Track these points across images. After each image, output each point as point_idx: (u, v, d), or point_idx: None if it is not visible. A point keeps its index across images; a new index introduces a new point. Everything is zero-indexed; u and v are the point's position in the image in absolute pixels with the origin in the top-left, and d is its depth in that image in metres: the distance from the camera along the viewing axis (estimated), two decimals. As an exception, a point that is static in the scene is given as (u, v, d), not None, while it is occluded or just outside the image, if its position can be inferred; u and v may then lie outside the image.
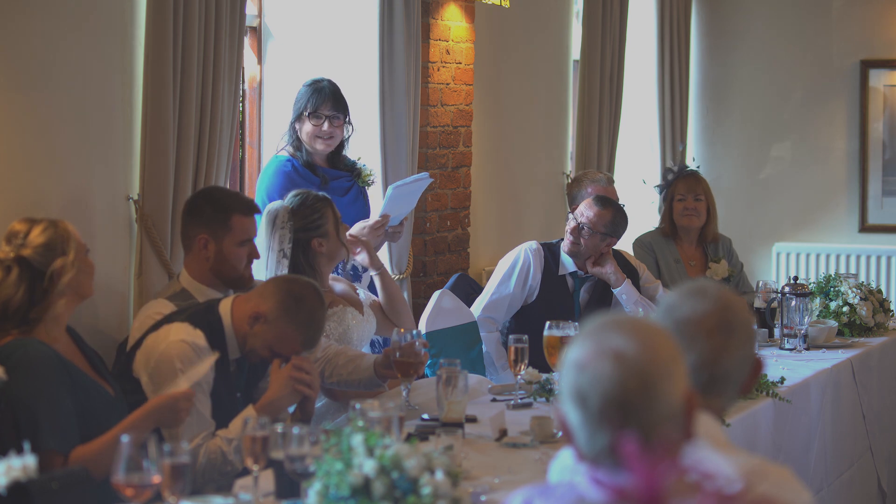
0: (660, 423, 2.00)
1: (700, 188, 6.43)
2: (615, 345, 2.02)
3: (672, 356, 2.04)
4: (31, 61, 4.17)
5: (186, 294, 4.11)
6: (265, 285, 3.82)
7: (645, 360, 2.00)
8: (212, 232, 4.13)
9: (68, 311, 3.53)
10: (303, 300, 3.72)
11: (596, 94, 7.32)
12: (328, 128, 5.22)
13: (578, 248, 5.44)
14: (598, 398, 2.00)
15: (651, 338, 2.04)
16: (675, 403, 2.02)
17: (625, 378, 1.99)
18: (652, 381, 2.00)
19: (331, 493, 2.61)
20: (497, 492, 3.21)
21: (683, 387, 2.04)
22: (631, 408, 1.99)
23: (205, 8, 4.60)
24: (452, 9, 6.22)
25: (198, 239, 4.15)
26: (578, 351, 2.04)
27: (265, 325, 3.70)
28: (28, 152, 4.18)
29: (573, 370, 2.03)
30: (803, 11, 8.66)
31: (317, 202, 4.58)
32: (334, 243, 4.57)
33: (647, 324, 2.08)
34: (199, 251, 4.15)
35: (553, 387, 4.30)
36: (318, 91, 5.24)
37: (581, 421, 2.03)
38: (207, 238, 4.13)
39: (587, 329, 2.08)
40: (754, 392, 4.42)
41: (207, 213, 4.16)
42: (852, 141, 8.56)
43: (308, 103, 5.22)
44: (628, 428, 1.98)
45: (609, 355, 2.01)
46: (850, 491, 5.34)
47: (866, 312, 5.69)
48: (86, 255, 3.57)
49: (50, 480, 3.00)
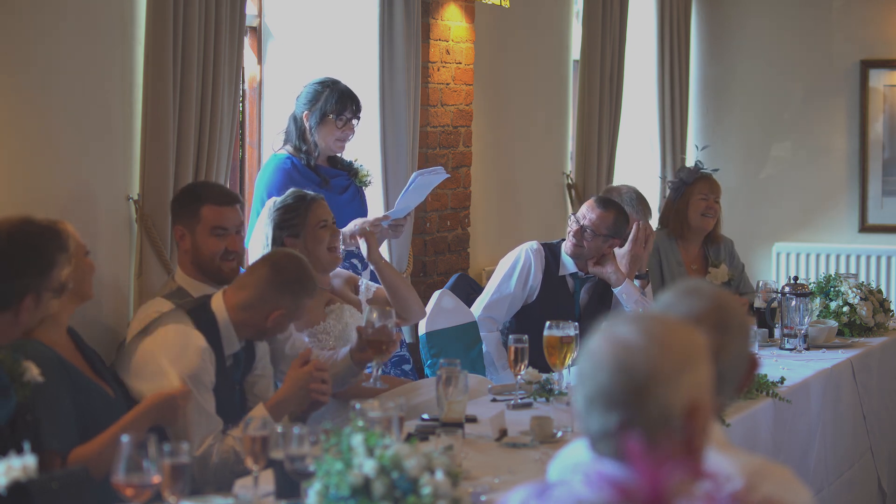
0: (651, 426, 1.96)
1: (719, 190, 6.36)
2: (623, 336, 2.00)
3: (681, 363, 1.99)
4: (31, 61, 4.17)
5: (183, 292, 4.11)
6: (248, 273, 3.84)
7: (644, 360, 1.98)
8: (185, 223, 4.14)
9: (68, 312, 3.53)
10: (281, 267, 3.81)
11: (596, 94, 7.32)
12: (349, 130, 5.23)
13: (581, 250, 5.44)
14: (591, 384, 2.00)
15: (664, 338, 2.00)
16: (671, 410, 1.97)
17: (616, 369, 1.98)
18: (645, 381, 1.97)
19: (331, 493, 2.61)
20: (497, 492, 3.20)
21: (688, 396, 1.98)
22: (616, 399, 1.97)
23: (205, 8, 4.60)
24: (452, 9, 6.22)
25: (175, 231, 4.19)
26: (596, 337, 2.05)
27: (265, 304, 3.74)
28: (28, 152, 4.18)
29: (584, 353, 2.05)
30: (803, 11, 8.66)
31: (297, 202, 4.55)
32: (308, 244, 4.52)
33: (672, 326, 2.03)
34: (180, 245, 4.18)
35: (553, 387, 4.30)
36: (341, 93, 5.20)
37: (580, 404, 2.04)
38: (183, 230, 4.15)
39: (615, 318, 2.08)
40: (754, 392, 4.42)
41: (182, 204, 4.20)
42: (852, 141, 8.56)
43: (334, 105, 5.18)
44: (613, 420, 1.97)
45: (611, 343, 2.00)
46: (850, 491, 5.34)
47: (866, 312, 5.69)
48: (85, 256, 3.57)
49: (50, 480, 3.00)
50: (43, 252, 3.06)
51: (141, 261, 4.49)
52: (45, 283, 3.05)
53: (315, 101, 5.21)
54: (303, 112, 5.22)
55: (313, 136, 5.20)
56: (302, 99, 5.25)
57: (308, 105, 5.21)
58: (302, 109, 5.23)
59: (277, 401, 3.73)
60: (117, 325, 4.46)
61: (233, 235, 4.16)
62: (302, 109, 5.23)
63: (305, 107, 5.22)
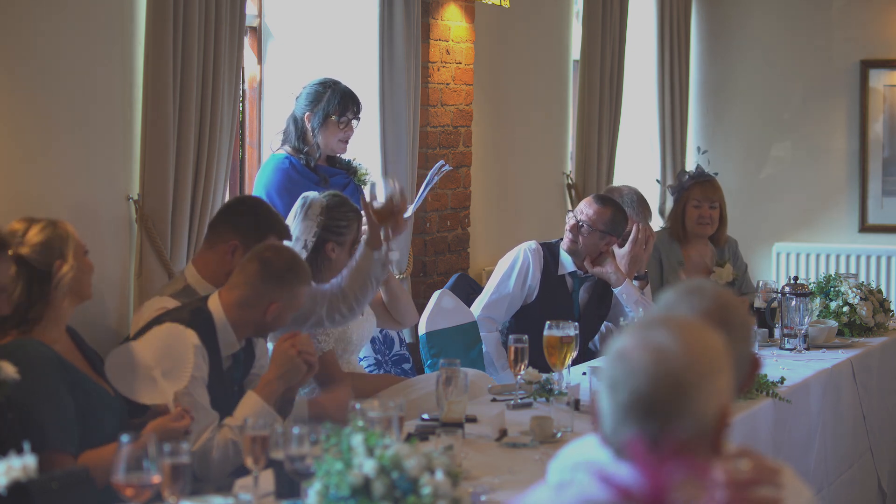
0: (687, 431, 1.96)
1: (716, 195, 6.36)
2: (659, 341, 1.98)
3: (714, 367, 1.99)
4: (31, 61, 4.17)
5: (190, 291, 4.08)
6: (238, 271, 3.83)
7: (684, 364, 1.96)
8: (245, 243, 4.09)
9: (67, 312, 3.53)
10: (270, 260, 3.77)
11: (596, 94, 7.32)
12: (349, 130, 5.22)
13: (577, 246, 5.44)
14: (628, 391, 1.97)
15: (698, 343, 1.99)
16: (706, 415, 1.97)
17: (658, 377, 1.95)
18: (685, 386, 1.96)
19: (331, 493, 2.61)
20: (497, 492, 3.20)
21: (720, 401, 1.98)
22: (657, 408, 1.95)
23: (205, 8, 4.60)
24: (452, 9, 6.22)
25: (229, 243, 4.12)
26: (625, 340, 2.01)
27: (260, 300, 3.73)
28: (28, 152, 4.18)
29: (614, 358, 2.00)
30: (803, 11, 8.66)
31: (350, 212, 4.58)
32: (344, 258, 4.54)
33: (701, 330, 2.03)
34: (223, 254, 4.12)
35: (553, 387, 4.30)
36: (343, 94, 5.19)
37: (610, 410, 1.99)
38: (238, 245, 4.10)
39: (643, 321, 2.05)
40: (754, 392, 4.42)
41: (248, 223, 4.14)
42: (852, 141, 8.56)
43: (336, 106, 5.17)
44: (652, 427, 1.95)
45: (649, 350, 1.97)
46: (850, 491, 5.34)
47: (866, 312, 5.68)
48: (85, 256, 3.56)
49: (50, 480, 3.00)
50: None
51: (141, 261, 4.49)
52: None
53: (317, 102, 5.19)
54: (304, 113, 5.21)
55: (316, 138, 5.19)
56: (302, 100, 5.24)
57: (310, 106, 5.20)
58: (303, 111, 5.21)
59: (267, 381, 3.71)
60: (117, 325, 4.46)
61: None
62: (303, 111, 5.21)
63: (307, 108, 5.20)
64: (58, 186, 4.27)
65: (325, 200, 4.57)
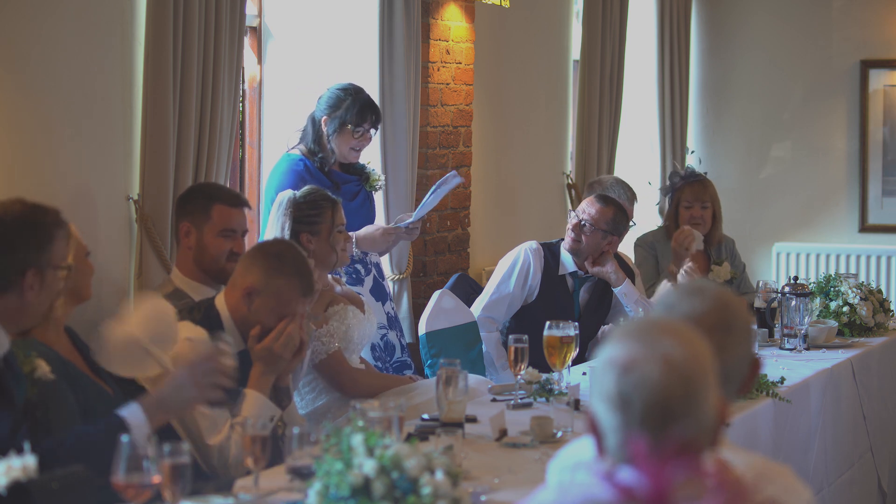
0: (696, 432, 1.96)
1: (707, 195, 6.35)
2: (666, 350, 1.96)
3: (710, 365, 2.00)
4: (31, 61, 4.17)
5: (180, 293, 4.11)
6: (240, 263, 3.82)
7: (692, 368, 1.96)
8: (194, 220, 4.19)
9: (66, 312, 3.52)
10: (282, 254, 3.77)
11: (596, 94, 7.32)
12: (365, 140, 5.21)
13: (579, 245, 5.44)
14: (642, 402, 1.94)
15: (695, 345, 2.00)
16: (712, 412, 1.98)
17: (672, 384, 1.94)
18: (695, 389, 1.96)
19: (331, 493, 2.61)
20: (497, 492, 3.20)
21: (718, 395, 2.01)
22: (673, 414, 1.94)
23: (205, 8, 4.60)
24: (452, 9, 6.22)
25: (181, 227, 4.22)
26: (624, 351, 1.98)
27: (261, 295, 3.72)
28: (28, 152, 4.18)
29: (617, 371, 1.96)
30: (803, 11, 8.66)
31: (320, 199, 4.58)
32: (323, 245, 4.54)
33: (692, 331, 2.04)
34: (183, 241, 4.21)
35: (553, 387, 4.30)
36: (363, 105, 5.15)
37: (618, 424, 1.96)
38: (189, 226, 4.19)
39: (631, 330, 2.02)
40: (754, 392, 4.42)
41: (192, 201, 4.24)
42: (852, 141, 8.56)
43: (354, 116, 5.13)
44: (665, 431, 1.94)
45: (659, 360, 1.95)
46: (850, 491, 5.34)
47: (866, 312, 5.68)
48: (86, 258, 3.56)
49: (50, 480, 3.00)
50: (38, 227, 3.06)
51: (141, 261, 4.49)
52: (46, 259, 3.04)
53: (336, 107, 5.17)
54: (322, 116, 5.18)
55: (330, 143, 5.17)
56: (323, 103, 5.22)
57: (328, 110, 5.17)
58: (322, 114, 5.19)
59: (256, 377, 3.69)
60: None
61: (239, 238, 4.21)
62: (322, 114, 5.19)
63: (325, 111, 5.18)
64: (58, 186, 4.27)
65: (293, 194, 4.60)
